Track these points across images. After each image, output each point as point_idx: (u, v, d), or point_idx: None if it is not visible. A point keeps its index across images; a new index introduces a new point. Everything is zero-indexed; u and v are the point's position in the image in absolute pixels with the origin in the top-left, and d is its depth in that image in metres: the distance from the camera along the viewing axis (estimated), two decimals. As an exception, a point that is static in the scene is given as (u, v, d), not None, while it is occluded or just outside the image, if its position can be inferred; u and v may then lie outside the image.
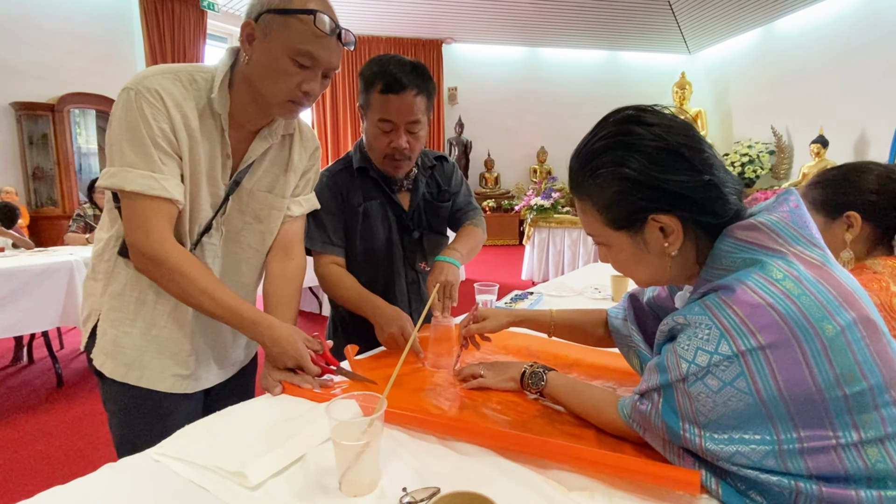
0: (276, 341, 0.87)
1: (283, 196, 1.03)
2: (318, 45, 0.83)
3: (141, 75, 0.83)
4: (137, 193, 0.82)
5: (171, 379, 0.95)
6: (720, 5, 7.55)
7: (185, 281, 0.84)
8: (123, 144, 0.82)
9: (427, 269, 1.35)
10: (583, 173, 0.64)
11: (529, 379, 0.84)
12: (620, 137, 0.60)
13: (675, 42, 9.26)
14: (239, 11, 7.40)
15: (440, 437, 0.70)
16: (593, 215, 0.65)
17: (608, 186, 0.61)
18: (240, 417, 0.78)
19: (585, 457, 0.61)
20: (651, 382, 0.61)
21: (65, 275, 2.67)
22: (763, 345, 0.50)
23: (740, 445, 0.52)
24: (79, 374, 3.02)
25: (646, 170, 0.58)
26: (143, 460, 0.66)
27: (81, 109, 5.61)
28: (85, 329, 0.96)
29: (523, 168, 10.16)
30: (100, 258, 0.94)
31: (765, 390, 0.50)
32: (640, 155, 0.59)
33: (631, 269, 0.68)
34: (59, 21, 5.49)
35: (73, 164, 5.48)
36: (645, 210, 0.60)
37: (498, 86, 9.84)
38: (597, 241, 0.69)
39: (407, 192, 1.32)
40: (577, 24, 8.52)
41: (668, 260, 0.63)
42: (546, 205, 5.47)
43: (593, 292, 1.76)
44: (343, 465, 0.59)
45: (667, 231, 0.61)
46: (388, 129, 1.14)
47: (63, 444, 2.20)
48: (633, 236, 0.63)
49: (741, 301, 0.52)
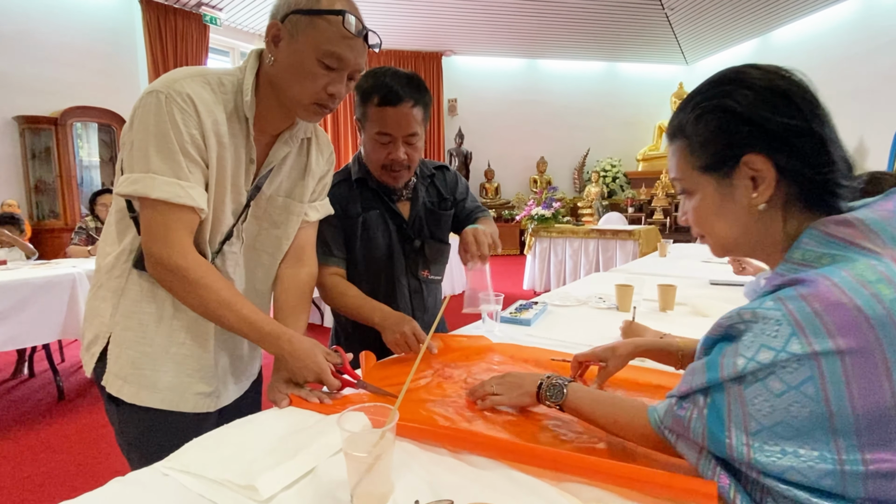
0: (296, 355, 0.85)
1: (301, 201, 1.02)
2: (345, 47, 0.82)
3: (169, 78, 0.80)
4: (162, 202, 0.78)
5: (194, 398, 0.91)
6: (716, 17, 7.64)
7: (207, 294, 0.81)
8: (150, 150, 0.78)
9: (430, 276, 1.36)
10: (684, 111, 0.61)
11: (547, 391, 0.77)
12: (729, 75, 0.58)
13: (672, 53, 9.36)
14: (241, 26, 7.48)
15: (452, 450, 0.70)
16: (684, 156, 0.61)
17: (707, 122, 0.58)
18: (248, 430, 0.77)
19: (599, 468, 0.60)
20: (695, 382, 0.55)
21: (67, 287, 2.67)
22: (842, 349, 0.44)
23: (795, 460, 0.46)
24: (80, 387, 3.01)
25: (751, 105, 0.55)
26: (151, 474, 0.65)
27: (83, 123, 5.65)
28: (90, 354, 0.90)
29: (523, 178, 10.21)
30: (108, 274, 0.89)
31: (835, 400, 0.44)
32: (747, 89, 0.55)
33: (710, 222, 0.62)
34: (62, 35, 5.55)
35: (76, 178, 5.51)
36: (741, 147, 0.55)
37: (497, 97, 9.93)
38: (681, 189, 0.64)
39: (407, 201, 1.33)
40: (576, 35, 8.61)
41: (752, 215, 0.57)
42: (547, 214, 5.48)
43: (598, 301, 1.75)
44: (355, 478, 0.58)
45: (758, 180, 0.56)
46: (387, 141, 1.15)
47: (66, 457, 2.18)
48: (721, 181, 0.58)
49: (822, 298, 0.46)
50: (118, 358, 0.87)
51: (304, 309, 1.04)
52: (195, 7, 6.67)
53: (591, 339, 1.29)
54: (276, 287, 1.04)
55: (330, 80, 0.84)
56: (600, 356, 0.93)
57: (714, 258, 3.14)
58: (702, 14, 7.57)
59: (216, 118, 0.84)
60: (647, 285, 2.05)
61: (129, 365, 0.87)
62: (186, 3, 6.56)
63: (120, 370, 0.87)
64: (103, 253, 0.91)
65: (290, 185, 1.01)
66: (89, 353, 0.90)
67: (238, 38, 7.60)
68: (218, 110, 0.84)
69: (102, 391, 0.90)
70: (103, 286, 0.90)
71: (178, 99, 0.78)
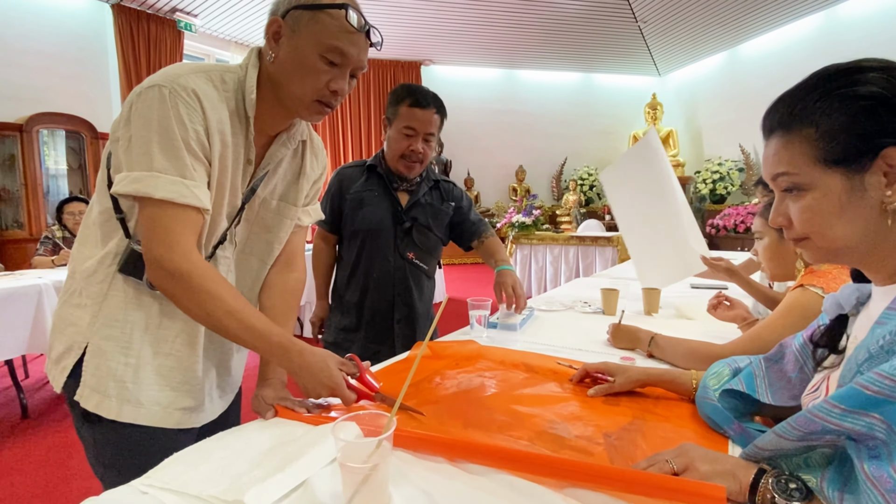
0: (309, 369, 0.78)
1: (295, 204, 0.99)
2: (347, 41, 0.79)
3: (171, 73, 0.76)
4: (166, 202, 0.73)
5: (179, 414, 0.85)
6: (687, 30, 7.88)
7: (211, 301, 0.75)
8: (152, 147, 0.73)
9: (414, 259, 1.55)
10: (805, 99, 0.55)
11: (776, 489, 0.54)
12: (854, 65, 0.53)
13: (645, 65, 9.60)
14: (217, 32, 7.37)
15: (449, 458, 0.67)
16: (803, 148, 0.55)
17: (840, 109, 0.52)
18: (232, 443, 0.73)
19: (603, 474, 0.59)
20: (878, 431, 0.45)
21: (33, 299, 2.54)
22: None
23: None
24: (45, 404, 2.86)
25: (894, 88, 0.49)
26: (129, 493, 0.61)
27: (50, 130, 5.45)
28: (60, 367, 0.83)
29: (503, 186, 10.28)
30: (89, 279, 0.82)
31: None
32: (884, 73, 0.51)
33: (828, 222, 0.54)
34: (28, 39, 5.36)
35: (41, 186, 5.29)
36: (886, 136, 0.50)
37: (476, 106, 10.00)
38: (787, 185, 0.57)
39: (406, 193, 1.55)
40: (552, 47, 8.76)
41: (880, 216, 0.51)
42: (527, 222, 5.51)
43: (583, 306, 1.75)
44: (350, 490, 0.55)
45: (891, 176, 0.50)
46: (411, 134, 1.43)
47: (32, 479, 2.06)
48: (851, 177, 0.52)
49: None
50: (96, 370, 0.80)
51: (292, 316, 1.01)
52: (169, 13, 6.54)
53: (579, 343, 1.30)
54: (264, 292, 1.00)
55: (332, 76, 0.81)
56: (612, 371, 0.93)
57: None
58: (673, 27, 7.79)
59: (220, 116, 0.80)
60: (631, 289, 2.07)
61: (110, 377, 0.80)
62: (160, 8, 6.43)
63: (98, 384, 0.80)
64: (82, 256, 0.84)
65: (285, 189, 0.97)
66: (59, 367, 0.83)
67: (214, 44, 7.48)
68: (221, 108, 0.80)
69: (74, 408, 0.82)
70: (80, 292, 0.83)
71: (182, 94, 0.74)
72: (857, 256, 0.56)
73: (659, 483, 0.55)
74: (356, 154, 9.24)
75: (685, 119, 9.66)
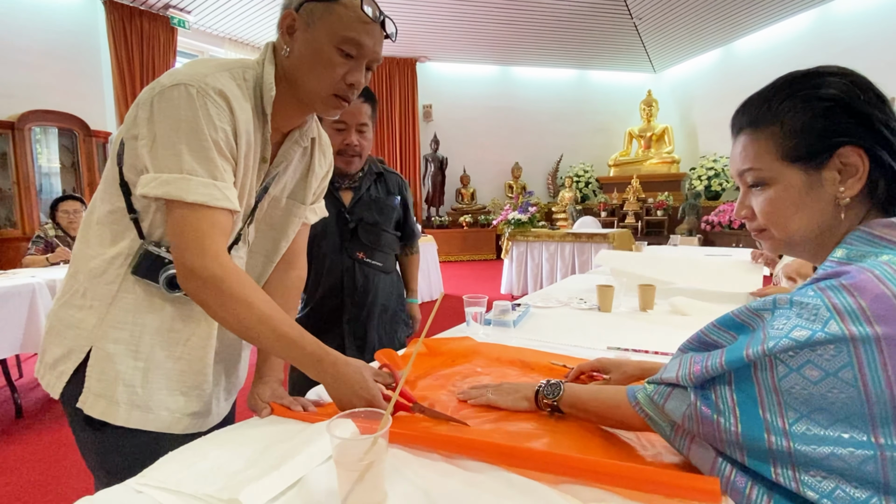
0: (343, 379, 0.75)
1: (303, 202, 0.98)
2: (363, 32, 0.78)
3: (197, 72, 0.73)
4: (199, 205, 0.71)
5: (187, 419, 0.83)
6: (682, 27, 7.89)
7: (243, 308, 0.72)
8: (181, 148, 0.71)
9: (364, 258, 1.54)
10: (774, 98, 0.60)
11: (545, 391, 0.77)
12: (815, 71, 0.58)
13: (640, 61, 9.61)
14: (211, 29, 7.32)
15: (445, 454, 0.67)
16: (768, 146, 0.60)
17: (803, 109, 0.57)
18: (228, 442, 0.73)
19: (599, 469, 0.59)
20: (712, 364, 0.53)
21: (26, 298, 2.53)
22: (879, 336, 0.45)
23: (836, 447, 0.45)
24: (39, 404, 2.85)
25: (856, 95, 0.55)
26: (124, 492, 0.61)
27: (43, 127, 5.40)
28: (57, 372, 0.79)
29: (499, 183, 10.28)
30: (96, 280, 0.78)
31: (873, 386, 0.45)
32: (847, 80, 0.56)
33: (786, 215, 0.60)
34: (20, 36, 5.32)
35: (34, 184, 5.25)
36: (842, 136, 0.55)
37: (472, 103, 9.99)
38: (753, 180, 0.62)
39: (350, 190, 1.54)
40: (547, 44, 8.76)
41: (834, 209, 0.57)
42: (523, 219, 5.52)
43: (579, 303, 1.76)
44: (346, 487, 0.55)
45: (848, 172, 0.56)
46: (342, 128, 1.40)
47: (27, 478, 2.05)
48: (810, 173, 0.57)
49: (864, 288, 0.47)
50: (102, 374, 0.77)
51: (292, 314, 1.00)
52: (162, 9, 6.50)
53: (575, 340, 1.30)
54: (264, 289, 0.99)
55: (349, 68, 0.80)
56: (606, 368, 0.92)
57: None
58: (668, 24, 7.80)
59: (247, 116, 0.78)
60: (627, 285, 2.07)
61: (118, 382, 0.77)
62: (153, 5, 6.38)
63: (105, 389, 0.77)
64: (86, 256, 0.80)
65: (294, 187, 0.96)
66: (56, 372, 0.79)
67: (207, 41, 7.43)
68: (246, 107, 0.78)
69: (75, 414, 0.78)
70: (85, 293, 0.79)
71: (211, 93, 0.72)
72: (810, 248, 0.61)
73: (654, 478, 0.56)
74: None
75: (680, 116, 9.69)
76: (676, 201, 8.81)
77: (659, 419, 0.62)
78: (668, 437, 0.62)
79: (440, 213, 9.89)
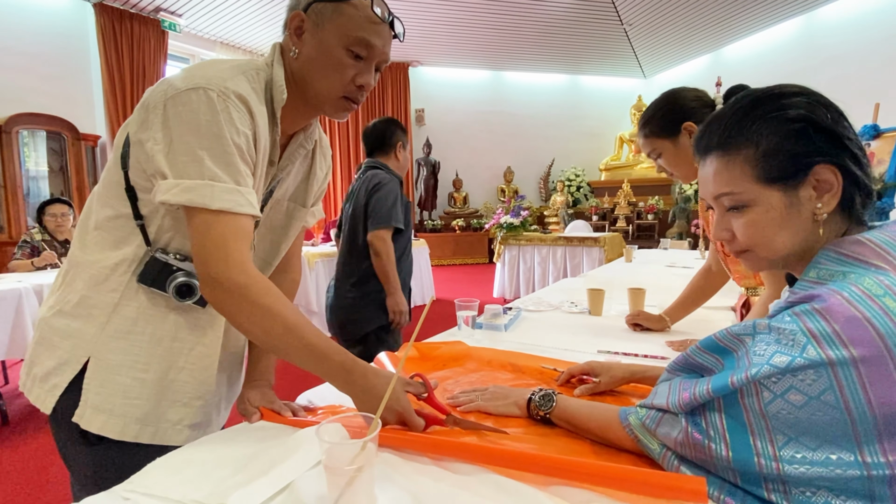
0: (373, 392, 0.70)
1: (304, 205, 0.97)
2: (373, 32, 0.77)
3: (214, 75, 0.71)
4: (223, 212, 0.69)
5: (188, 431, 0.80)
6: (672, 33, 7.98)
7: (269, 317, 0.69)
8: (202, 153, 0.68)
9: None
10: (740, 122, 0.60)
11: (538, 402, 0.78)
12: (777, 89, 0.59)
13: (631, 67, 9.71)
14: (202, 32, 7.29)
15: (435, 458, 0.67)
16: (743, 168, 0.60)
17: (776, 131, 0.58)
18: (216, 448, 0.72)
19: (587, 470, 0.59)
20: (700, 392, 0.55)
21: (12, 303, 2.49)
22: (855, 358, 0.47)
23: (823, 468, 0.47)
24: (26, 411, 2.80)
25: (822, 114, 0.57)
26: (111, 499, 0.60)
27: (30, 130, 5.35)
28: (49, 385, 0.75)
29: (491, 187, 10.32)
30: (98, 287, 0.75)
31: (854, 406, 0.46)
32: (811, 98, 0.58)
33: (768, 235, 0.60)
34: (9, 38, 5.27)
35: (21, 188, 5.20)
36: (815, 155, 0.57)
37: (464, 107, 10.04)
38: (731, 204, 0.62)
39: None
40: (539, 49, 8.82)
41: (813, 226, 0.58)
42: (516, 223, 5.53)
43: (570, 306, 1.77)
44: (335, 492, 0.55)
45: (823, 188, 0.57)
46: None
47: (13, 486, 2.02)
48: (788, 192, 0.58)
49: (835, 312, 0.49)
50: (101, 387, 0.74)
51: None
52: (153, 12, 6.47)
53: (565, 343, 1.30)
54: None
55: (358, 70, 0.78)
56: (596, 371, 0.93)
57: (678, 262, 3.24)
58: (658, 30, 7.89)
59: (265, 120, 0.77)
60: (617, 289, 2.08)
61: (118, 394, 0.74)
62: (144, 8, 6.35)
63: (104, 402, 0.74)
64: (84, 262, 0.77)
65: (296, 190, 0.95)
66: (48, 385, 0.75)
67: (199, 45, 7.40)
68: (262, 111, 0.77)
69: (69, 429, 0.75)
70: (84, 301, 0.76)
71: (233, 97, 0.71)
72: (793, 262, 0.62)
73: (641, 478, 0.56)
74: (344, 157, 9.20)
75: (670, 120, 9.76)
76: (667, 205, 8.89)
77: (649, 441, 0.63)
78: (658, 457, 0.62)
79: (432, 216, 9.90)
